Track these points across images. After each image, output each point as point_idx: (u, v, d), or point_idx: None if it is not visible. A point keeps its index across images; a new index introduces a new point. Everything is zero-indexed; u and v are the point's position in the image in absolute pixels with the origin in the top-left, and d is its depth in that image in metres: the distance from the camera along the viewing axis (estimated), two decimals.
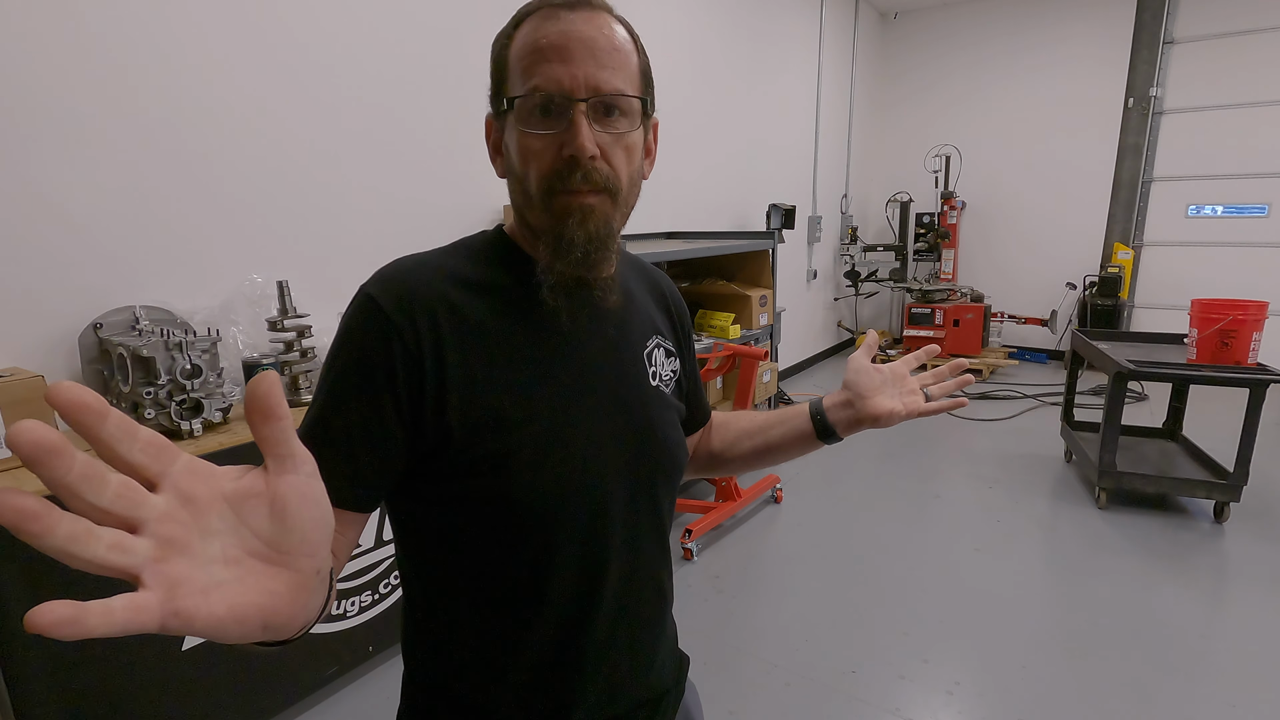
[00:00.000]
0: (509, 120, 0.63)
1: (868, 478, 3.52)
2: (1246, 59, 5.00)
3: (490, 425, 0.61)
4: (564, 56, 0.59)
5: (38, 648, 1.33)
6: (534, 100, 0.60)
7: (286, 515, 0.34)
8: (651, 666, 0.76)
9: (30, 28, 1.57)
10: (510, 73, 0.62)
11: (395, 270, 0.64)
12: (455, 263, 0.66)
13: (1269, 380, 2.65)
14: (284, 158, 2.09)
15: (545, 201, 0.62)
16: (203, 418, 1.64)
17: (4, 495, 0.26)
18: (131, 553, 0.29)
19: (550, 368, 0.65)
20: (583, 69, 0.59)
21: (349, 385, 0.60)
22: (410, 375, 0.60)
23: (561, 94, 0.59)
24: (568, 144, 0.60)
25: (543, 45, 0.60)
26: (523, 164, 0.62)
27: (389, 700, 1.91)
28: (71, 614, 0.26)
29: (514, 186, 0.66)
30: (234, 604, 0.32)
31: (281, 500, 0.34)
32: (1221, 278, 5.26)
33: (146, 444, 0.31)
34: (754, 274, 3.82)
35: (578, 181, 0.60)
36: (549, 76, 0.59)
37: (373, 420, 0.59)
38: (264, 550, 0.34)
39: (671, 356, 0.78)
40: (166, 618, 0.29)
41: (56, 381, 0.29)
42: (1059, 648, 2.13)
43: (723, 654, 2.13)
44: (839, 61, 5.73)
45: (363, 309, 0.61)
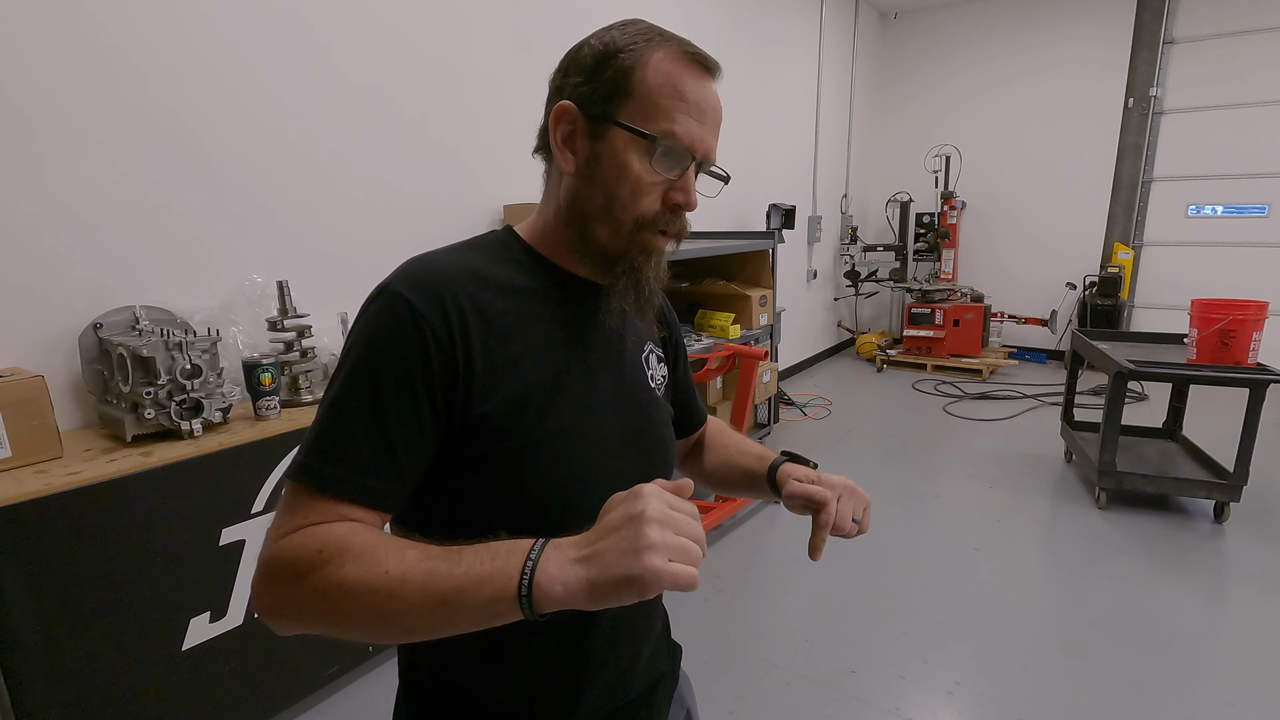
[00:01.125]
0: (620, 137, 0.63)
1: (868, 478, 3.52)
2: (1246, 59, 5.00)
3: (513, 421, 0.63)
4: (702, 118, 0.65)
5: (38, 648, 1.33)
6: (667, 145, 0.63)
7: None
8: (650, 654, 0.79)
9: (34, 25, 1.57)
10: (642, 98, 0.63)
11: (420, 268, 0.64)
12: (475, 262, 0.67)
13: (1269, 380, 2.65)
14: (285, 158, 2.09)
15: (634, 232, 0.66)
16: (203, 418, 1.64)
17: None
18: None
19: (565, 368, 0.67)
20: (709, 136, 0.66)
21: (385, 383, 0.59)
22: (445, 371, 0.60)
23: (691, 150, 0.65)
24: (679, 194, 0.66)
25: (690, 98, 0.64)
26: (625, 190, 0.64)
27: (389, 700, 1.90)
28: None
29: (593, 196, 0.66)
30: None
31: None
32: (1221, 278, 5.26)
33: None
34: (754, 274, 3.82)
35: (675, 225, 0.67)
36: (688, 131, 0.64)
37: (410, 418, 0.59)
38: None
39: (662, 363, 0.83)
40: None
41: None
42: (1059, 648, 2.13)
43: (723, 654, 2.12)
44: (839, 62, 5.73)
45: (393, 307, 0.60)
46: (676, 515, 0.52)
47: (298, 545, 0.54)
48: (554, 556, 0.50)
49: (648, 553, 0.48)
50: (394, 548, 0.54)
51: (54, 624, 1.34)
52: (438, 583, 0.51)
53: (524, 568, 0.50)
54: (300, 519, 0.56)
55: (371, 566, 0.52)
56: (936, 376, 5.47)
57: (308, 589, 0.53)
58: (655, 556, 0.48)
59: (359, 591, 0.51)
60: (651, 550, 0.48)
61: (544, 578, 0.49)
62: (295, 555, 0.54)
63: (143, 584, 1.47)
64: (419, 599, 0.51)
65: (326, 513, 0.57)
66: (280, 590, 0.54)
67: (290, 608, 0.54)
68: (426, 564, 0.52)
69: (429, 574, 0.51)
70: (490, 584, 0.50)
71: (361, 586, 0.51)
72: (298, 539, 0.55)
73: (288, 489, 0.59)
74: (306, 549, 0.54)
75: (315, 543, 0.54)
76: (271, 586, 0.55)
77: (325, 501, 0.57)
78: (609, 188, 0.64)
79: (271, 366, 1.79)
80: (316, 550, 0.53)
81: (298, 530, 0.56)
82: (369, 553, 0.53)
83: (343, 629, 0.54)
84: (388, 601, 0.51)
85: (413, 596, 0.51)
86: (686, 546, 0.51)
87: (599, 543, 0.50)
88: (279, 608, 0.55)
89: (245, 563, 1.66)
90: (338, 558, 0.53)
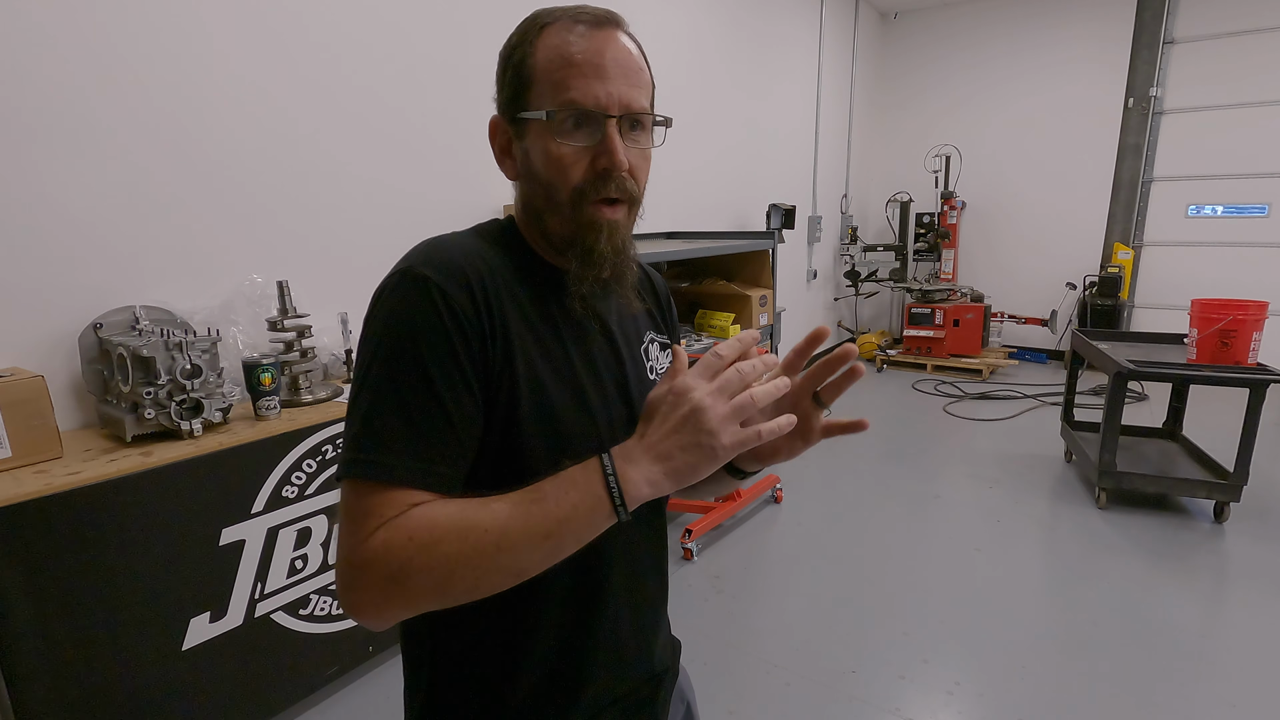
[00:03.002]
0: (534, 128, 0.65)
1: (868, 478, 3.52)
2: (1246, 59, 5.00)
3: (527, 411, 0.63)
4: (599, 73, 0.62)
5: (38, 648, 1.33)
6: (569, 113, 0.62)
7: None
8: (654, 645, 0.79)
9: (33, 25, 1.57)
10: (537, 81, 0.63)
11: (436, 248, 0.64)
12: (482, 247, 0.67)
13: (1269, 380, 2.65)
14: (285, 158, 2.09)
15: (574, 211, 0.65)
16: (203, 418, 1.64)
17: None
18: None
19: (570, 360, 0.68)
20: (616, 86, 0.63)
21: (430, 362, 0.58)
22: (479, 343, 0.61)
23: (598, 108, 0.62)
24: (602, 156, 0.63)
25: (577, 60, 0.62)
26: (552, 173, 0.64)
27: (389, 700, 1.92)
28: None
29: (535, 192, 0.67)
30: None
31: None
32: (1221, 278, 5.25)
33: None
34: (754, 274, 3.81)
35: (611, 191, 0.64)
36: (585, 92, 0.62)
37: (462, 392, 0.59)
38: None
39: (665, 350, 0.82)
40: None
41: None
42: (1059, 648, 2.13)
43: (723, 654, 2.12)
44: (839, 62, 5.73)
45: (419, 287, 0.60)
46: (720, 383, 0.56)
47: (385, 541, 0.54)
48: (627, 465, 0.56)
49: (714, 436, 0.54)
50: (478, 505, 0.56)
51: (54, 624, 1.34)
52: (537, 522, 0.55)
53: (608, 484, 0.55)
54: (375, 519, 0.56)
55: (468, 532, 0.54)
56: (936, 376, 5.47)
57: (415, 574, 0.54)
58: (723, 435, 0.55)
59: (466, 559, 0.54)
60: (718, 434, 0.54)
61: (630, 485, 0.55)
62: (387, 549, 0.54)
63: (143, 584, 1.47)
64: (525, 543, 0.55)
65: (397, 503, 0.56)
66: (383, 590, 0.55)
67: (399, 597, 0.55)
68: (519, 509, 0.55)
69: (526, 517, 0.55)
70: (584, 506, 0.55)
71: (467, 553, 0.54)
72: (381, 538, 0.55)
73: (348, 489, 0.58)
74: (395, 540, 0.54)
75: (402, 533, 0.54)
76: (371, 590, 0.55)
77: (394, 492, 0.56)
78: (541, 177, 0.65)
79: (271, 366, 1.79)
80: (407, 538, 0.54)
81: (378, 529, 0.55)
82: (458, 520, 0.55)
83: (457, 594, 0.56)
84: (496, 557, 0.54)
85: (519, 543, 0.55)
86: (742, 405, 0.55)
87: (667, 441, 0.56)
88: (385, 606, 0.55)
89: (245, 563, 1.66)
90: (429, 535, 0.54)
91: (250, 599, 1.68)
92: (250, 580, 1.67)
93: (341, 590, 0.57)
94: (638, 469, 0.56)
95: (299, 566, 1.78)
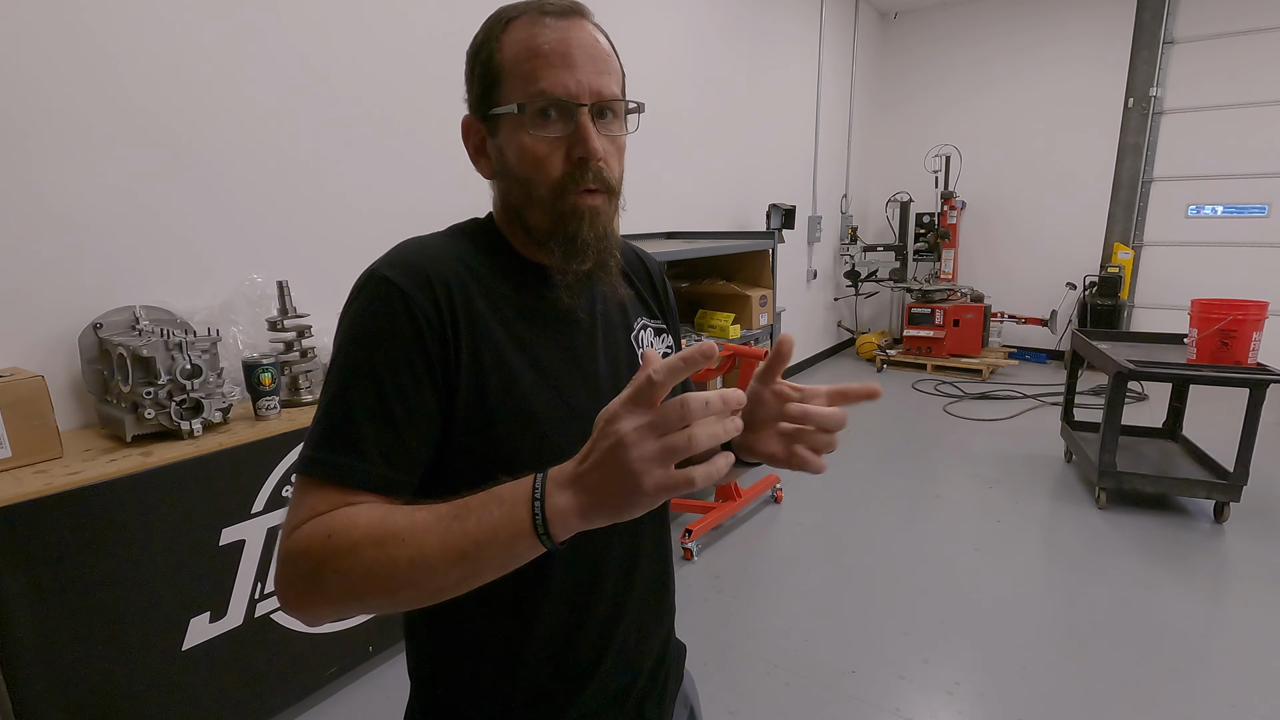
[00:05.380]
0: (506, 123, 0.64)
1: (868, 478, 3.52)
2: (1246, 59, 5.00)
3: (499, 407, 0.63)
4: (567, 62, 0.61)
5: (38, 648, 1.33)
6: (540, 105, 0.62)
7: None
8: (657, 642, 0.78)
9: (30, 28, 1.57)
10: (506, 77, 0.63)
11: (406, 251, 0.64)
12: (458, 248, 0.67)
13: (1269, 380, 2.65)
14: (284, 158, 2.09)
15: (554, 203, 0.64)
16: (203, 418, 1.64)
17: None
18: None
19: (547, 354, 0.67)
20: (585, 75, 0.62)
21: (384, 368, 0.59)
22: (440, 351, 0.61)
23: (569, 98, 0.62)
24: (577, 146, 0.62)
25: (545, 51, 0.61)
26: (527, 167, 0.64)
27: (389, 700, 1.91)
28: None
29: (512, 189, 0.67)
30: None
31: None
32: (1221, 278, 5.25)
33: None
34: (754, 274, 3.82)
35: (589, 181, 0.63)
36: (555, 82, 0.61)
37: (414, 400, 0.59)
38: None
39: (661, 335, 0.80)
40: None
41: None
42: (1059, 648, 2.13)
43: (723, 654, 2.12)
44: (839, 61, 5.73)
45: (381, 292, 0.61)
46: (650, 419, 0.47)
47: (307, 536, 0.54)
48: (557, 492, 0.50)
49: (637, 478, 0.46)
50: (402, 514, 0.54)
51: (54, 624, 1.34)
52: (455, 540, 0.51)
53: (533, 509, 0.50)
54: (307, 510, 0.56)
55: (385, 539, 0.52)
56: (936, 376, 5.47)
57: (328, 575, 0.53)
58: (646, 479, 0.47)
59: (380, 565, 0.52)
60: (641, 475, 0.46)
61: (555, 513, 0.49)
62: (306, 545, 0.54)
63: (143, 584, 1.47)
64: (440, 559, 0.51)
65: (334, 501, 0.57)
66: (301, 583, 0.54)
67: (316, 596, 0.54)
68: (440, 524, 0.52)
69: (445, 533, 0.51)
70: (505, 530, 0.51)
71: (381, 560, 0.52)
72: (306, 530, 0.55)
73: (296, 484, 0.59)
74: (315, 537, 0.54)
75: (323, 530, 0.54)
76: (293, 581, 0.55)
77: (334, 491, 0.57)
78: (517, 173, 0.65)
79: (271, 366, 1.79)
80: (326, 535, 0.53)
81: (305, 522, 0.56)
82: (379, 526, 0.53)
83: (373, 604, 0.54)
84: (410, 570, 0.51)
85: (433, 558, 0.51)
86: (672, 444, 0.47)
87: (591, 472, 0.49)
88: (305, 600, 0.55)
89: (245, 563, 1.66)
90: (348, 538, 0.53)
91: (250, 599, 1.68)
92: (250, 580, 1.67)
93: (274, 584, 0.57)
94: (566, 496, 0.50)
95: None
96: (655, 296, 0.83)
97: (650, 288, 0.83)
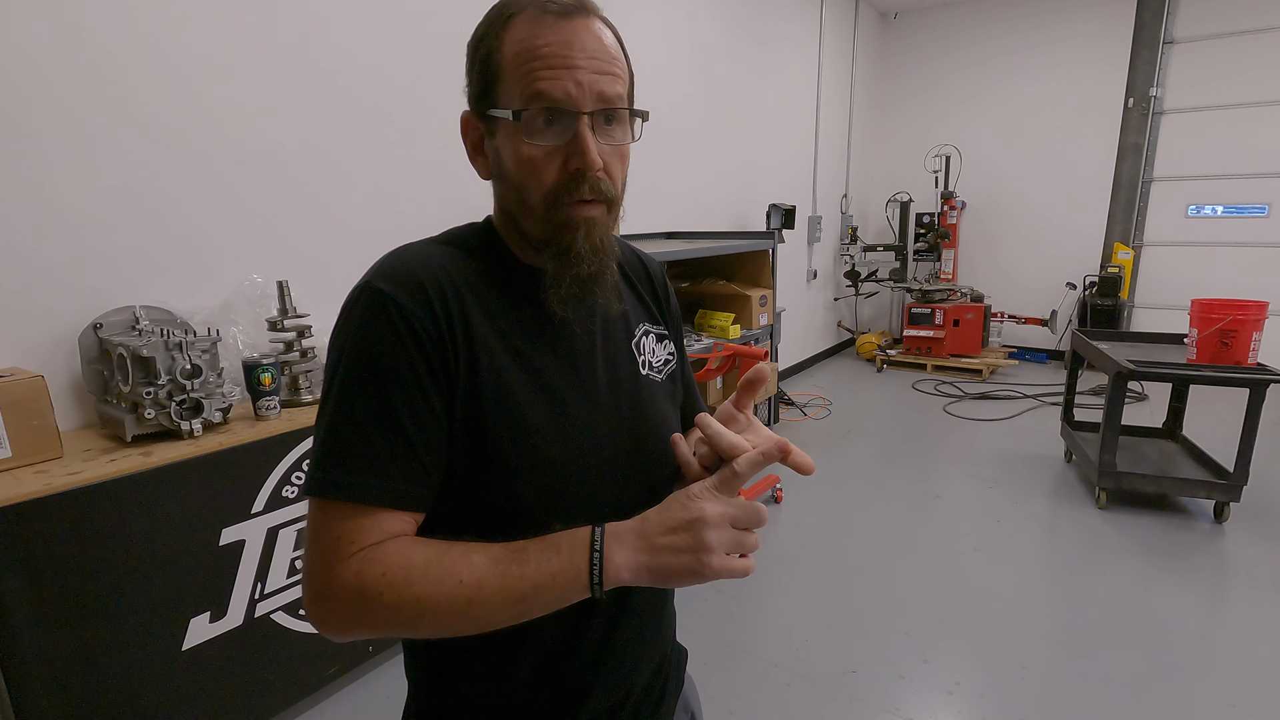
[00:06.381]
0: (503, 127, 0.62)
1: (868, 478, 3.52)
2: (1246, 59, 5.00)
3: (493, 419, 0.61)
4: (569, 65, 0.58)
5: (38, 648, 1.33)
6: (539, 109, 0.59)
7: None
8: (656, 653, 0.77)
9: (30, 27, 1.57)
10: (505, 77, 0.60)
11: (398, 261, 0.62)
12: (451, 255, 0.65)
13: (1269, 380, 2.65)
14: (284, 158, 2.09)
15: (548, 213, 0.62)
16: (203, 418, 1.64)
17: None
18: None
19: (545, 364, 0.66)
20: (587, 79, 0.59)
21: (388, 383, 0.57)
22: (440, 361, 0.60)
23: (569, 104, 0.59)
24: (575, 157, 0.60)
25: (545, 52, 0.58)
26: (523, 174, 0.62)
27: (389, 700, 1.92)
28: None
29: (508, 194, 0.65)
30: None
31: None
32: (1221, 278, 5.25)
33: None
34: (754, 274, 3.82)
35: (585, 193, 0.61)
36: (554, 85, 0.58)
37: (423, 413, 0.58)
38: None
39: (663, 341, 0.78)
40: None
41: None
42: (1059, 648, 2.13)
43: (723, 654, 2.12)
44: (839, 61, 5.73)
45: (377, 305, 0.59)
46: (733, 512, 0.55)
47: (357, 574, 0.54)
48: (616, 547, 0.55)
49: (707, 554, 0.53)
50: (458, 554, 0.55)
51: (54, 624, 1.34)
52: (513, 583, 0.54)
53: (591, 559, 0.54)
54: (350, 545, 0.56)
55: (444, 580, 0.54)
56: (936, 376, 5.47)
57: (382, 611, 0.54)
58: (714, 557, 0.54)
59: (437, 605, 0.54)
60: (711, 553, 0.54)
61: (611, 567, 0.54)
62: (359, 584, 0.54)
63: (143, 584, 1.47)
64: (498, 601, 0.54)
65: (369, 528, 0.56)
66: (349, 616, 0.55)
67: (364, 627, 0.55)
68: (497, 567, 0.55)
69: (503, 576, 0.54)
70: (563, 577, 0.54)
71: (439, 600, 0.54)
72: (355, 568, 0.55)
73: (315, 508, 0.58)
74: (368, 576, 0.54)
75: (376, 568, 0.54)
76: (339, 615, 0.55)
77: (364, 514, 0.56)
78: (514, 179, 0.63)
79: (271, 366, 1.79)
80: (380, 575, 0.54)
81: (351, 557, 0.55)
82: (435, 566, 0.55)
83: (423, 633, 0.57)
84: (467, 609, 0.54)
85: (492, 600, 0.54)
86: (743, 540, 0.56)
87: (662, 537, 0.55)
88: (350, 630, 0.56)
89: (245, 563, 1.66)
90: (404, 578, 0.54)
91: (250, 599, 1.68)
92: (250, 580, 1.67)
93: (309, 605, 0.57)
94: (625, 552, 0.55)
95: (299, 566, 1.78)
96: (656, 300, 0.81)
97: (651, 291, 0.81)
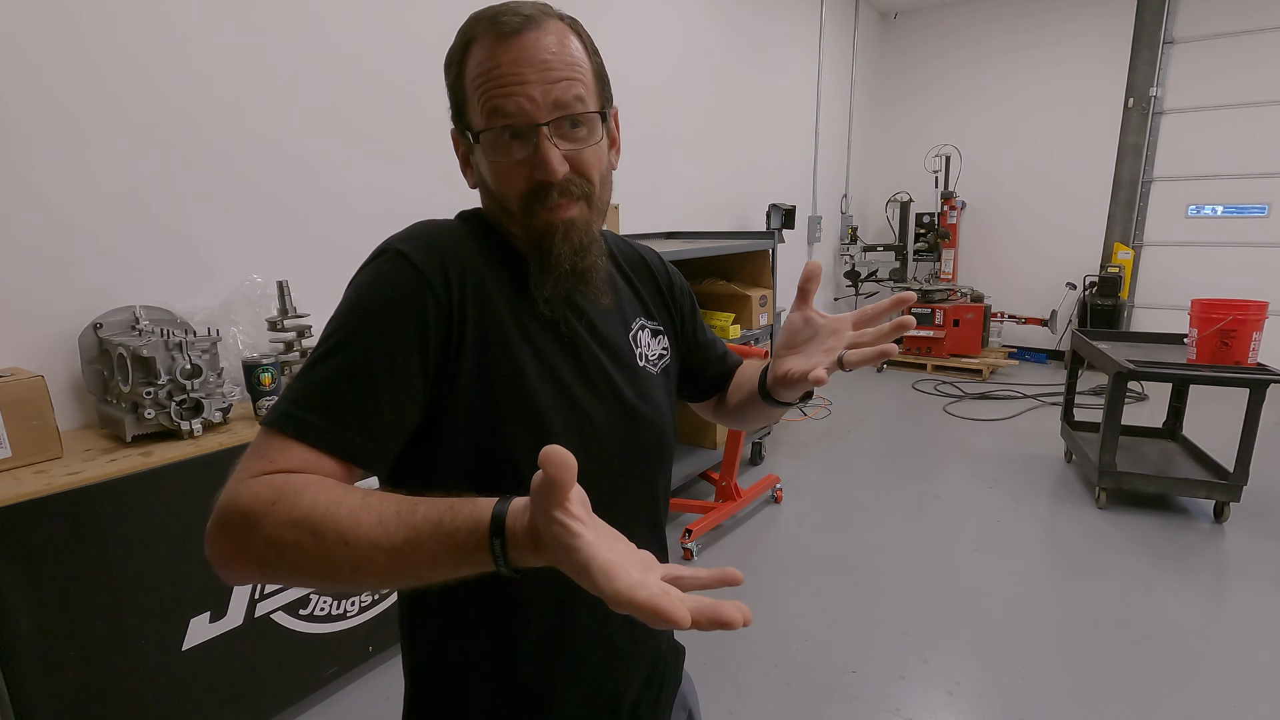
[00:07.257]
0: (478, 143, 0.65)
1: (868, 478, 3.52)
2: (1246, 59, 5.00)
3: (503, 398, 0.63)
4: (520, 80, 0.60)
5: (38, 648, 1.33)
6: (499, 129, 0.62)
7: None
8: (651, 646, 0.78)
9: (30, 28, 1.57)
10: (469, 99, 0.64)
11: (423, 231, 0.65)
12: (474, 234, 0.68)
13: (1269, 380, 2.65)
14: (284, 158, 2.09)
15: (525, 219, 0.65)
16: (202, 418, 1.64)
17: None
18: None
19: (550, 349, 0.67)
20: (540, 91, 0.61)
21: (379, 338, 0.58)
22: (441, 333, 0.60)
23: (525, 121, 0.61)
24: (538, 169, 0.62)
25: (497, 74, 0.61)
26: (499, 185, 0.65)
27: (389, 700, 1.91)
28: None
29: (490, 202, 0.69)
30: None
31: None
32: (1221, 278, 5.25)
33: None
34: (754, 274, 3.81)
35: (553, 200, 0.64)
36: (508, 103, 0.60)
37: (401, 377, 0.58)
38: None
39: (658, 336, 0.80)
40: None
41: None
42: (1059, 648, 2.13)
43: (723, 654, 2.12)
44: (839, 61, 5.73)
45: (396, 264, 0.61)
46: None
47: (254, 493, 0.50)
48: (516, 542, 0.45)
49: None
50: (356, 494, 0.50)
51: (54, 624, 1.34)
52: (397, 527, 0.47)
53: (494, 510, 0.45)
54: (266, 463, 0.53)
55: (328, 513, 0.48)
56: (936, 376, 5.47)
57: (258, 541, 0.49)
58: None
59: (312, 555, 0.48)
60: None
61: (515, 524, 0.44)
62: (250, 502, 0.50)
63: (143, 584, 1.47)
64: (379, 541, 0.47)
65: (296, 460, 0.53)
66: (233, 538, 0.50)
67: (243, 556, 0.50)
68: (387, 506, 0.48)
69: (397, 514, 0.47)
70: (458, 521, 0.46)
71: (316, 551, 0.48)
72: (257, 485, 0.51)
73: (261, 435, 0.56)
74: (261, 497, 0.50)
75: (271, 492, 0.50)
76: (225, 534, 0.51)
77: (300, 449, 0.54)
78: (493, 191, 0.67)
79: (271, 366, 1.79)
80: (271, 500, 0.49)
81: (261, 475, 0.52)
82: (323, 516, 0.48)
83: (300, 579, 0.50)
84: (342, 549, 0.47)
85: (372, 540, 0.47)
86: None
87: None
88: (231, 557, 0.51)
89: None
90: (290, 515, 0.48)
91: (250, 599, 1.68)
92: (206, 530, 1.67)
93: (206, 535, 0.52)
94: (526, 555, 0.46)
95: None
96: (657, 294, 0.82)
97: (653, 286, 0.82)
